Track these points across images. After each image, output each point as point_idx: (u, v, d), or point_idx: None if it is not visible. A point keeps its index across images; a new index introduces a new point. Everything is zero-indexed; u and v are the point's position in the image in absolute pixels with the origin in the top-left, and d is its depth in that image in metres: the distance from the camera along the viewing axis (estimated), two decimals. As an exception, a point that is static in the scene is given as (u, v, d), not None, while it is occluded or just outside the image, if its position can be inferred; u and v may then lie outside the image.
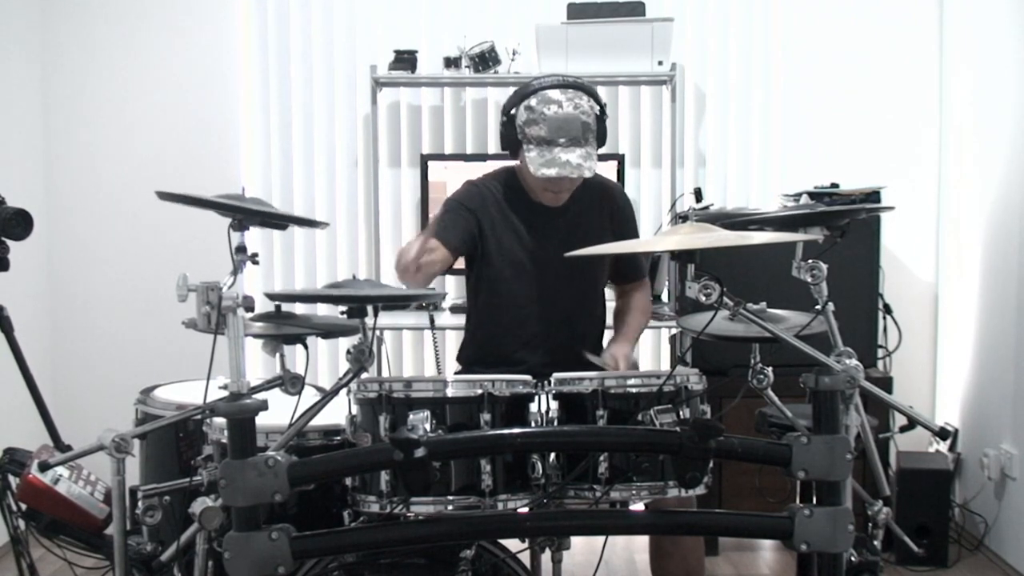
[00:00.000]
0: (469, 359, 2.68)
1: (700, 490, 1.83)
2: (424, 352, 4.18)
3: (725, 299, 1.70)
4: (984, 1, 3.74)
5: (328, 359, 4.11)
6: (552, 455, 1.82)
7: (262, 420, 1.68)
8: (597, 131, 2.48)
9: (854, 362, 1.79)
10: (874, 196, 3.56)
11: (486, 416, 1.83)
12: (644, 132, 4.11)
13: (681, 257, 1.73)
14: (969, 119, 3.84)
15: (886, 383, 3.48)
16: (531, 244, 2.56)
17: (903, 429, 2.18)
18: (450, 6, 4.05)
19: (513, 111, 2.47)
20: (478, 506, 1.80)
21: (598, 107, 2.49)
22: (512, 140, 2.48)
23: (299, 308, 2.14)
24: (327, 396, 1.84)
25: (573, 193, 2.60)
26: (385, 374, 3.51)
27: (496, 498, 1.80)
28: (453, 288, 3.94)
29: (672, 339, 4.00)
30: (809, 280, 1.92)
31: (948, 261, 4.01)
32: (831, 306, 1.94)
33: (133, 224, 4.04)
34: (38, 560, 2.48)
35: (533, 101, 2.42)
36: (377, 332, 1.91)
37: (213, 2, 4.05)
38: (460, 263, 2.68)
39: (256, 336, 1.89)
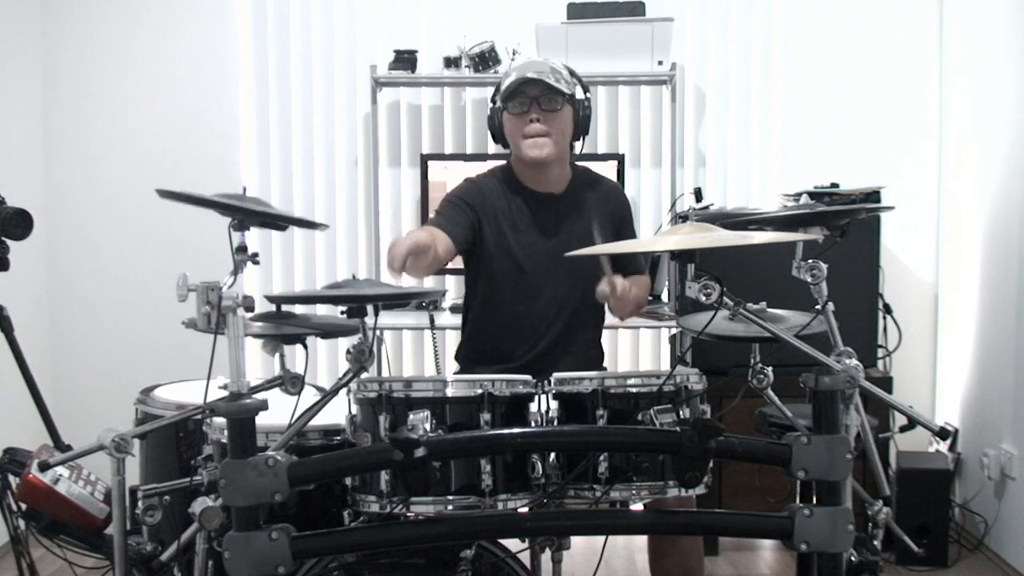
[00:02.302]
0: (467, 357, 2.68)
1: (700, 490, 1.83)
2: (424, 352, 4.18)
3: (725, 299, 1.70)
4: (984, 2, 3.74)
5: (328, 359, 4.11)
6: (552, 455, 1.83)
7: (262, 420, 1.68)
8: (575, 102, 2.53)
9: (854, 362, 1.79)
10: (874, 196, 3.56)
11: (486, 416, 1.83)
12: (644, 132, 4.12)
13: (681, 257, 1.73)
14: (969, 119, 3.84)
15: (886, 383, 3.48)
16: (528, 237, 2.56)
17: (903, 429, 2.17)
18: (450, 6, 4.05)
19: (495, 95, 2.58)
20: (478, 506, 1.80)
21: (578, 82, 2.56)
22: (497, 120, 2.56)
23: (299, 308, 2.14)
24: (327, 396, 1.84)
25: (570, 184, 2.60)
26: (385, 374, 3.51)
27: (496, 498, 1.80)
28: (453, 288, 3.94)
29: (672, 339, 4.00)
30: (809, 280, 1.92)
31: (948, 261, 4.01)
32: (831, 306, 1.94)
33: (133, 224, 4.04)
34: (38, 560, 2.48)
35: (509, 68, 2.58)
36: (377, 332, 1.91)
37: (213, 2, 4.05)
38: (458, 262, 2.68)
39: (256, 336, 1.88)
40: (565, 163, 2.61)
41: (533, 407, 1.89)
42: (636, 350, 4.18)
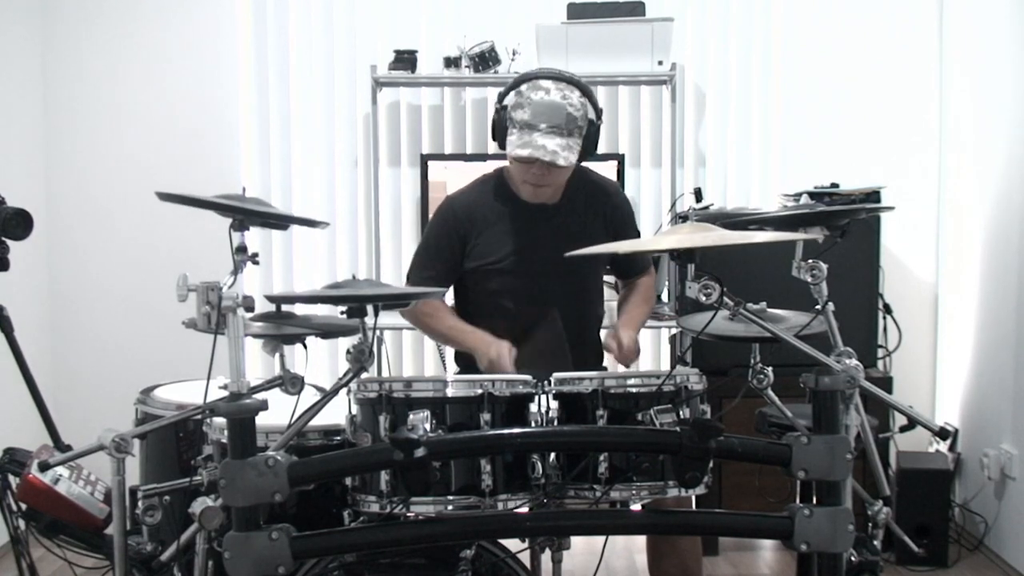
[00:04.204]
0: (467, 361, 2.67)
1: (700, 490, 1.83)
2: (424, 352, 4.18)
3: (725, 299, 1.70)
4: (984, 2, 3.74)
5: (328, 359, 4.11)
6: (552, 455, 1.82)
7: (262, 420, 1.68)
8: (586, 130, 2.44)
9: (854, 362, 1.79)
10: (874, 196, 3.56)
11: (486, 416, 1.82)
12: (644, 132, 4.12)
13: (681, 257, 1.73)
14: (969, 119, 3.84)
15: (886, 383, 3.48)
16: (521, 246, 2.54)
17: (903, 429, 2.17)
18: (450, 6, 4.05)
19: (505, 98, 2.48)
20: (478, 506, 1.80)
21: (592, 108, 2.47)
22: (501, 128, 2.48)
23: (299, 308, 2.14)
24: (327, 396, 1.84)
25: (566, 192, 2.59)
26: (385, 374, 3.51)
27: (496, 498, 1.80)
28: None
29: (672, 339, 4.00)
30: (809, 280, 1.92)
31: (948, 261, 4.01)
32: (831, 306, 1.94)
33: (133, 224, 4.04)
34: (38, 560, 2.47)
35: (524, 87, 2.44)
36: (377, 332, 1.91)
37: (213, 2, 4.05)
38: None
39: (256, 336, 1.89)
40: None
41: (533, 407, 1.88)
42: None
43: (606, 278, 2.82)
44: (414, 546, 1.91)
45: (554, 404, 1.88)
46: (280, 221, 2.16)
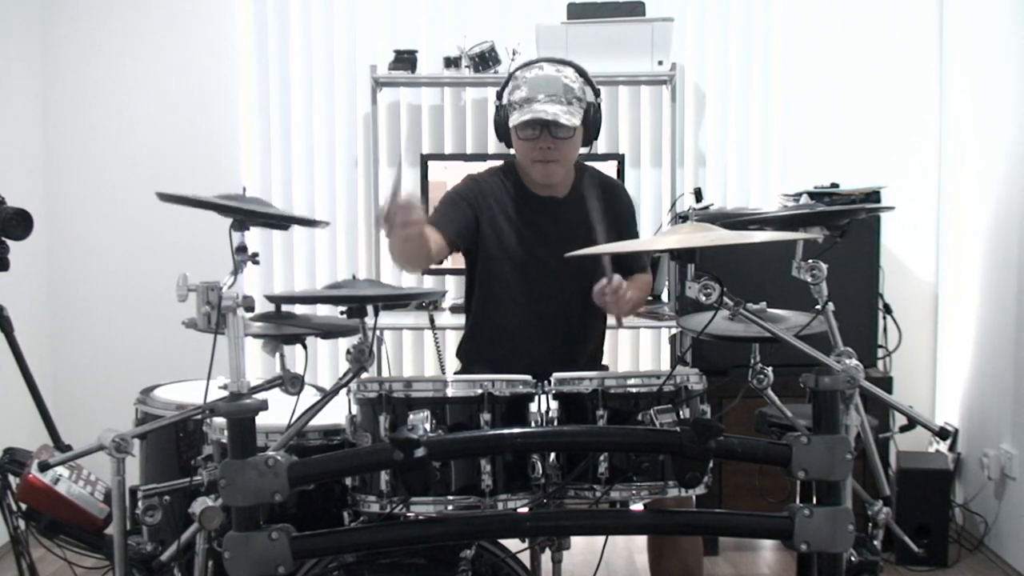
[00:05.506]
0: (469, 356, 2.68)
1: (700, 490, 1.83)
2: (424, 352, 4.18)
3: (725, 299, 1.70)
4: (984, 2, 3.74)
5: (328, 359, 4.11)
6: (552, 455, 1.82)
7: (262, 420, 1.68)
8: (586, 105, 2.45)
9: (854, 362, 1.79)
10: (874, 196, 3.57)
11: (486, 416, 1.82)
12: (644, 132, 4.12)
13: (681, 257, 1.73)
14: (969, 118, 3.84)
15: (886, 383, 3.48)
16: (530, 239, 2.55)
17: (903, 429, 2.18)
18: (450, 6, 4.05)
19: (502, 95, 2.51)
20: (478, 506, 1.80)
21: (590, 88, 2.48)
22: (503, 122, 2.49)
23: (299, 308, 2.15)
24: (327, 396, 1.84)
25: (574, 187, 2.60)
26: (385, 374, 3.51)
27: (496, 498, 1.80)
28: (453, 288, 3.94)
29: (672, 339, 4.00)
30: (809, 280, 1.92)
31: (948, 261, 4.01)
32: (831, 306, 1.95)
33: (133, 224, 4.04)
34: (38, 560, 2.47)
35: (518, 73, 2.47)
36: (377, 332, 1.91)
37: (213, 3, 4.05)
38: (460, 262, 2.68)
39: (256, 336, 1.89)
40: (571, 169, 2.60)
41: (533, 407, 1.88)
42: (636, 350, 4.18)
43: None
44: (414, 546, 1.91)
45: (554, 404, 1.88)
46: (280, 221, 2.16)
